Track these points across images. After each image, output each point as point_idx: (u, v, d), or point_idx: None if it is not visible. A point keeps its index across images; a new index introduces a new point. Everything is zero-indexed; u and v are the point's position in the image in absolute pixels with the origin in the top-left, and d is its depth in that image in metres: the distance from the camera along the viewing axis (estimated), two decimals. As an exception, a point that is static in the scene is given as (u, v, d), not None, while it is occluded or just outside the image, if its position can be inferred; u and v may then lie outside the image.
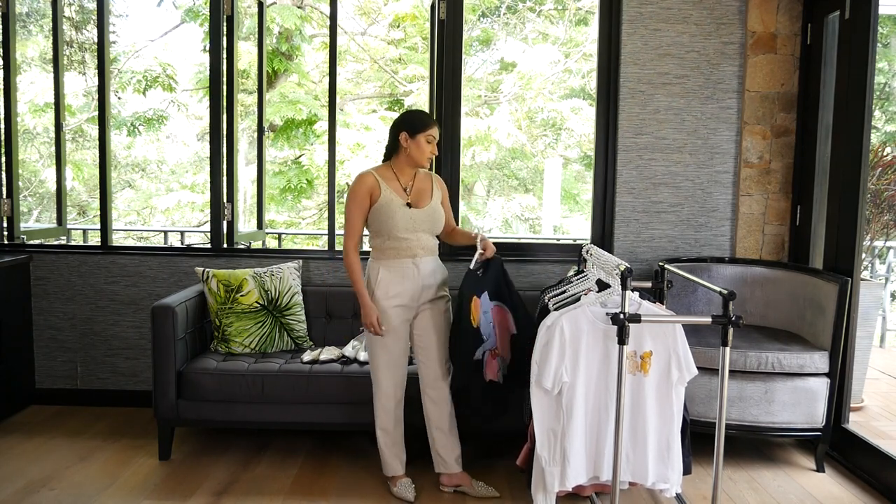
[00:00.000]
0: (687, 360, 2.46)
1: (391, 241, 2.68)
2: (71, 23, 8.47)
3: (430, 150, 2.69)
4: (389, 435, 2.80)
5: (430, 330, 2.77)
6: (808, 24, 3.55)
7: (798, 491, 2.92)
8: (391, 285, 2.69)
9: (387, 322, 2.70)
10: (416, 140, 2.67)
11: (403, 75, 9.23)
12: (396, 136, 2.70)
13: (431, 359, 2.78)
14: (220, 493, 2.80)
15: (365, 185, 2.67)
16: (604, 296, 2.47)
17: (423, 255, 2.72)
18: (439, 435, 2.80)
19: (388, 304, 2.70)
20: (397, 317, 2.71)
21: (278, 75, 8.84)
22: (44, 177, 9.30)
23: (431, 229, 2.73)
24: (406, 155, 2.70)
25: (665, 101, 3.64)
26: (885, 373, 4.79)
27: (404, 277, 2.70)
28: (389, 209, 2.65)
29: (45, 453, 3.14)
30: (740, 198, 3.67)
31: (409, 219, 2.67)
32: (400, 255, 2.70)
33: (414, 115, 2.73)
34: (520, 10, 9.58)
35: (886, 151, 4.87)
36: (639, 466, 2.50)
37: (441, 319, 2.79)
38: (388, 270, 2.70)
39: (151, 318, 3.03)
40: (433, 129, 2.69)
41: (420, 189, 2.75)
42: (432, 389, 2.79)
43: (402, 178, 2.74)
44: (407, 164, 2.73)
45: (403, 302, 2.71)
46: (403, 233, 2.67)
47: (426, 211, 2.71)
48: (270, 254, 3.90)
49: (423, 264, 2.72)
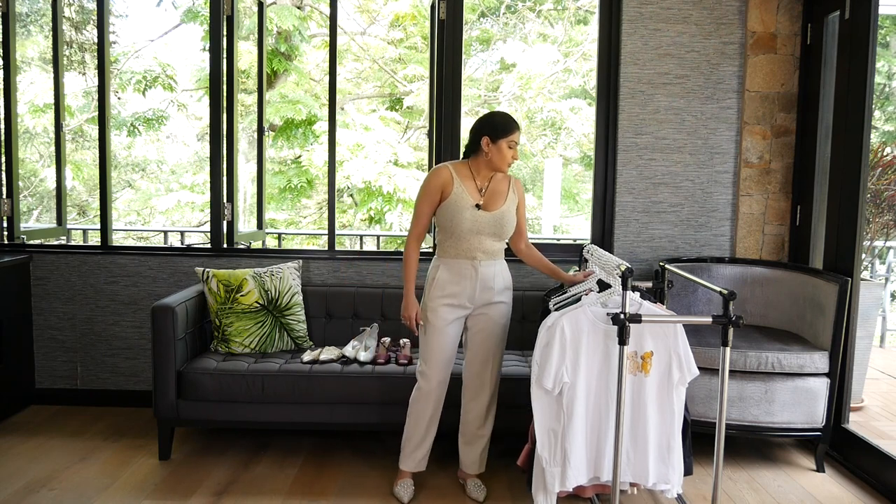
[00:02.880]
0: (688, 360, 2.46)
1: (453, 239, 2.66)
2: (71, 23, 8.46)
3: (511, 156, 2.63)
4: (414, 430, 2.78)
5: (480, 335, 2.74)
6: (808, 24, 3.56)
7: (798, 491, 2.92)
8: (448, 284, 2.67)
9: (434, 320, 2.67)
10: (497, 145, 2.60)
11: (403, 75, 9.23)
12: (478, 139, 2.63)
13: (473, 363, 2.76)
14: (220, 493, 2.79)
15: (439, 179, 2.64)
16: (604, 296, 2.47)
17: (484, 258, 2.67)
18: (461, 439, 2.85)
19: (439, 303, 2.67)
20: (447, 316, 2.68)
21: (278, 75, 8.84)
22: (44, 177, 9.30)
23: (497, 234, 2.66)
24: (486, 159, 2.64)
25: (665, 101, 3.64)
26: (885, 373, 4.79)
27: (462, 278, 2.67)
28: (457, 207, 2.62)
29: (45, 453, 3.14)
30: (740, 198, 3.67)
31: (474, 220, 2.62)
32: (460, 256, 2.66)
33: (497, 119, 2.63)
34: (519, 10, 9.58)
35: (886, 151, 4.87)
36: (639, 467, 2.50)
37: (495, 325, 2.73)
38: (448, 269, 2.68)
39: (151, 318, 3.03)
40: (516, 134, 2.62)
41: (495, 191, 2.69)
42: (466, 394, 2.80)
43: (478, 178, 2.68)
44: (486, 166, 2.66)
45: (458, 302, 2.68)
46: (467, 233, 2.63)
47: (495, 215, 2.65)
48: (270, 254, 3.90)
49: (483, 267, 2.67)
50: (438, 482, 2.92)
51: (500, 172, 2.70)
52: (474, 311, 2.72)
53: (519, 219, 2.76)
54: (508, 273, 2.78)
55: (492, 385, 2.77)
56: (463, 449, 2.85)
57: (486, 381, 2.76)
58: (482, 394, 2.77)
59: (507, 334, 2.80)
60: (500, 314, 2.74)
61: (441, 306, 2.67)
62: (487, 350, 2.74)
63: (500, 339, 2.76)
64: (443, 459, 3.10)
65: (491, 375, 2.76)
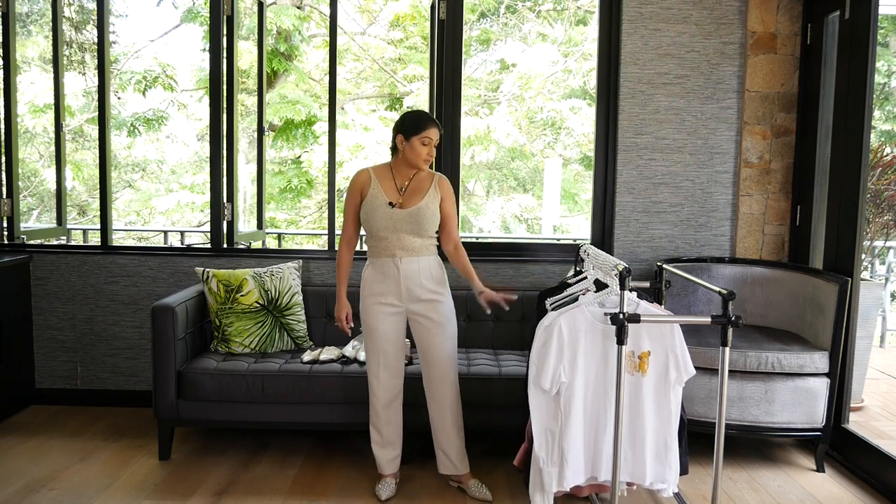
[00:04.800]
0: (685, 360, 2.46)
1: (374, 238, 2.72)
2: (71, 23, 8.46)
3: (426, 153, 2.66)
4: (380, 434, 2.82)
5: (422, 332, 2.76)
6: (808, 24, 3.55)
7: (798, 491, 2.92)
8: (374, 283, 2.73)
9: (368, 319, 2.73)
10: (410, 143, 2.66)
11: (403, 75, 9.23)
12: (394, 138, 2.71)
13: (423, 363, 2.80)
14: (220, 493, 2.80)
15: (357, 182, 2.74)
16: (602, 296, 2.47)
17: (405, 255, 2.69)
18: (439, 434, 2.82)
19: (370, 302, 2.74)
20: (383, 316, 2.72)
21: (278, 75, 8.84)
22: (44, 177, 9.30)
23: (416, 231, 2.68)
24: (403, 157, 2.70)
25: (665, 101, 3.64)
26: (885, 373, 4.79)
27: (385, 276, 2.71)
28: (372, 206, 2.68)
29: (45, 453, 3.14)
30: (740, 198, 3.67)
31: (388, 218, 2.67)
32: (381, 255, 2.72)
33: (409, 117, 2.71)
34: (519, 11, 9.58)
35: (886, 151, 4.87)
36: (637, 467, 2.50)
37: (431, 322, 2.73)
38: (373, 268, 2.75)
39: (151, 318, 3.03)
40: (428, 131, 2.65)
41: (414, 189, 2.73)
42: (428, 389, 2.81)
43: (398, 177, 2.74)
44: (405, 164, 2.73)
45: (386, 301, 2.72)
46: (383, 231, 2.68)
47: (411, 211, 2.67)
48: (270, 254, 3.90)
49: (405, 265, 2.69)
50: (438, 482, 2.92)
51: (418, 170, 2.73)
52: (409, 310, 2.75)
53: (444, 217, 2.76)
54: (440, 269, 2.77)
55: (446, 381, 2.76)
56: (438, 452, 2.84)
57: (433, 378, 2.76)
58: (437, 392, 2.77)
59: (453, 330, 2.78)
60: (435, 311, 2.73)
61: (372, 305, 2.73)
62: (430, 347, 2.75)
63: (442, 335, 2.74)
64: (442, 459, 3.10)
65: (439, 372, 2.75)
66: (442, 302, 2.76)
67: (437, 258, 2.78)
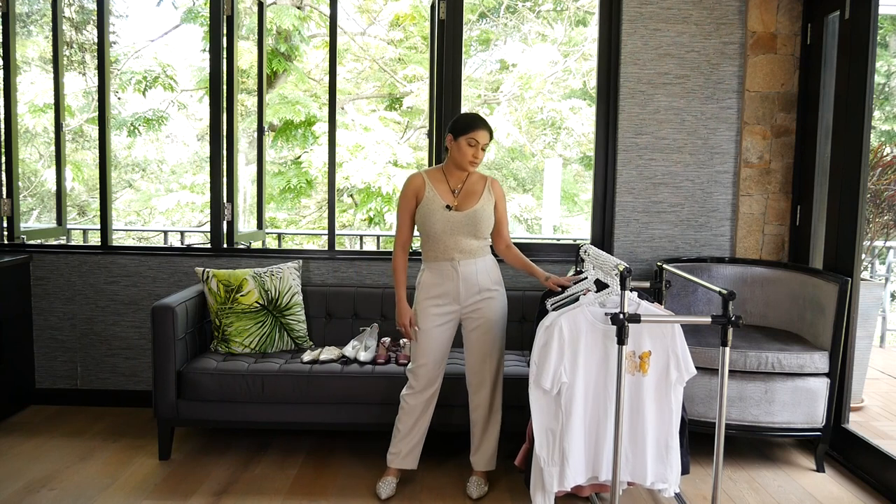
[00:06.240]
0: (686, 360, 2.46)
1: (431, 242, 2.72)
2: (71, 23, 8.46)
3: (472, 154, 2.66)
4: (403, 430, 2.81)
5: (475, 332, 2.76)
6: (808, 24, 3.56)
7: (798, 491, 2.92)
8: (432, 287, 2.73)
9: (423, 322, 2.72)
10: (457, 142, 2.66)
11: (403, 75, 9.23)
12: (445, 137, 2.72)
13: (472, 361, 2.79)
14: (220, 493, 2.80)
15: (411, 186, 2.72)
16: (602, 296, 2.47)
17: (462, 258, 2.71)
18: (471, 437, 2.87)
19: (426, 305, 2.74)
20: (435, 318, 2.73)
21: (277, 75, 8.84)
22: (44, 177, 9.29)
23: (473, 233, 2.69)
24: (451, 157, 2.71)
25: (665, 101, 3.64)
26: (885, 373, 4.79)
27: (444, 279, 2.72)
28: (429, 210, 2.68)
29: (45, 453, 3.14)
30: (740, 198, 3.67)
31: (447, 221, 2.67)
32: (439, 258, 2.72)
33: (461, 117, 2.71)
34: (519, 11, 9.58)
35: (886, 151, 4.87)
36: (638, 466, 2.50)
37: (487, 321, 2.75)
38: (431, 272, 2.74)
39: (151, 318, 3.03)
40: (476, 132, 2.65)
41: (469, 192, 2.74)
42: (469, 391, 2.83)
43: (451, 180, 2.74)
44: (454, 166, 2.73)
45: (444, 303, 2.73)
46: (441, 235, 2.68)
47: (468, 214, 2.68)
48: (270, 254, 3.90)
49: (463, 266, 2.71)
50: (438, 482, 2.92)
51: (464, 171, 2.73)
52: (465, 310, 2.75)
53: (498, 218, 2.79)
54: (496, 269, 2.80)
55: (492, 381, 2.78)
56: (472, 447, 2.87)
57: (485, 377, 2.78)
58: (482, 390, 2.79)
59: (504, 329, 2.81)
60: (492, 309, 2.76)
61: (429, 308, 2.73)
62: (483, 346, 2.76)
63: (495, 334, 2.77)
64: (442, 459, 3.10)
65: (490, 371, 2.78)
66: (499, 300, 2.79)
67: (492, 258, 2.81)
